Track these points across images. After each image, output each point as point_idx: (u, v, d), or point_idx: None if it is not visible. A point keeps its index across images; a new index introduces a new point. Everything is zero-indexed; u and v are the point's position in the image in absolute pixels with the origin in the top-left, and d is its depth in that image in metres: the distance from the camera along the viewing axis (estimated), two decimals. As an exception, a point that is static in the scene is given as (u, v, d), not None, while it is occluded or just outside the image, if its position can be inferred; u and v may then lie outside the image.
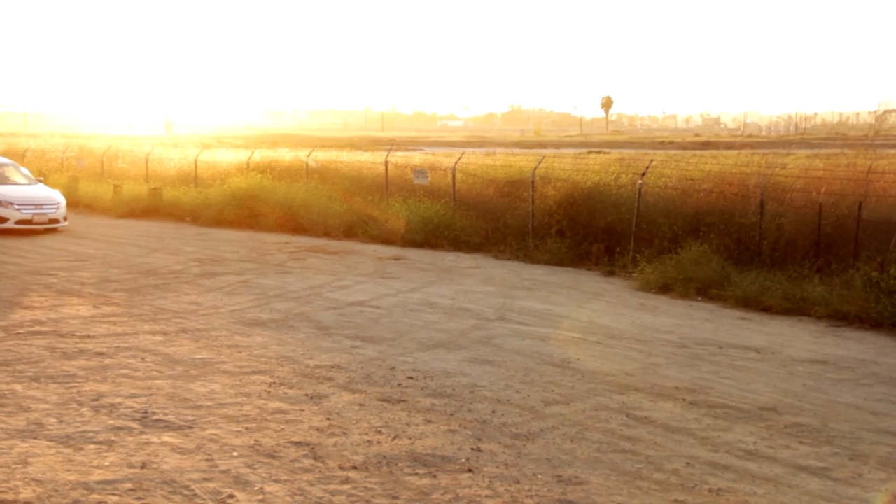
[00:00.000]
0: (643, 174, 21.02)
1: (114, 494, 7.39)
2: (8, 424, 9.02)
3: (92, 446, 8.49)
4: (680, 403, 10.40)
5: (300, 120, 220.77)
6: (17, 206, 24.35)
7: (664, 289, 17.73)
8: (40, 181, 27.22)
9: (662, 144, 79.64)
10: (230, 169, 33.68)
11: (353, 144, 67.09)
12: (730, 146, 63.96)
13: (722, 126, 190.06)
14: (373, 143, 74.66)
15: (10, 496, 7.28)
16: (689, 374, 11.69)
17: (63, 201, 25.70)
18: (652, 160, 23.87)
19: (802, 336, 14.19)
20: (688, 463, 8.51)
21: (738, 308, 16.26)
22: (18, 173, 26.83)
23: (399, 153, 36.49)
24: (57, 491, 7.41)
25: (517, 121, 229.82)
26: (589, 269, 20.39)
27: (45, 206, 24.81)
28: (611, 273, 19.82)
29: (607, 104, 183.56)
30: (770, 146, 64.51)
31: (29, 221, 24.29)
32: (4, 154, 44.25)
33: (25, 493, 7.34)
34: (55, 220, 24.90)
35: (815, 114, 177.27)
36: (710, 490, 7.88)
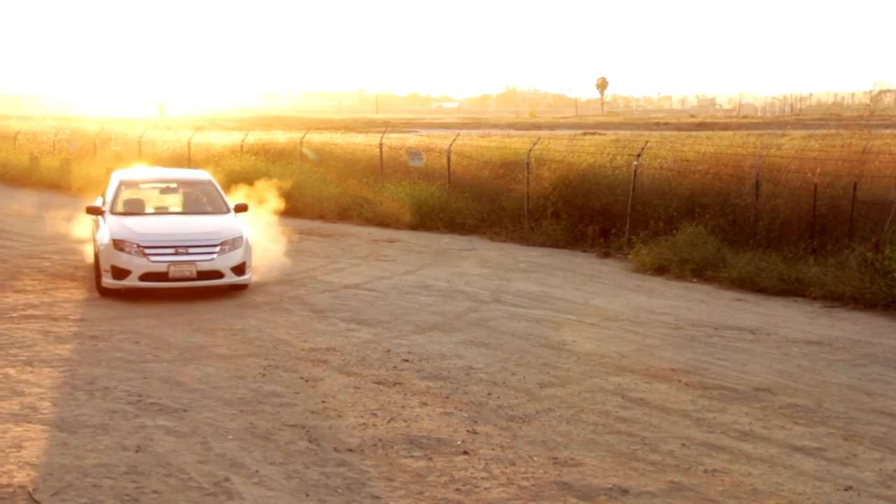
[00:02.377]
0: (638, 155, 20.97)
1: (109, 478, 7.37)
2: (1, 408, 8.99)
3: (86, 430, 8.47)
4: (675, 385, 10.40)
5: (294, 102, 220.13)
6: (148, 250, 14.26)
7: (660, 270, 17.72)
8: (237, 210, 15.97)
9: (658, 125, 79.52)
10: (224, 151, 33.56)
11: (347, 126, 66.88)
12: (725, 127, 63.85)
13: (717, 107, 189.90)
14: (367, 125, 74.45)
15: (4, 480, 7.26)
16: (684, 355, 11.69)
17: (241, 238, 14.82)
18: (647, 141, 23.81)
19: (797, 317, 14.19)
20: (683, 444, 8.51)
21: (733, 289, 16.26)
22: (207, 199, 16.40)
23: (394, 135, 36.37)
24: (52, 475, 7.39)
25: (512, 102, 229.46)
26: (584, 251, 20.37)
27: (194, 249, 14.43)
28: (606, 255, 19.81)
29: (602, 85, 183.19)
30: (765, 127, 64.45)
31: (163, 276, 14.21)
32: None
33: (20, 477, 7.32)
34: (215, 274, 14.42)
35: (811, 94, 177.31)
36: (705, 471, 7.88)
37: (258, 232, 17.43)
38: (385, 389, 9.98)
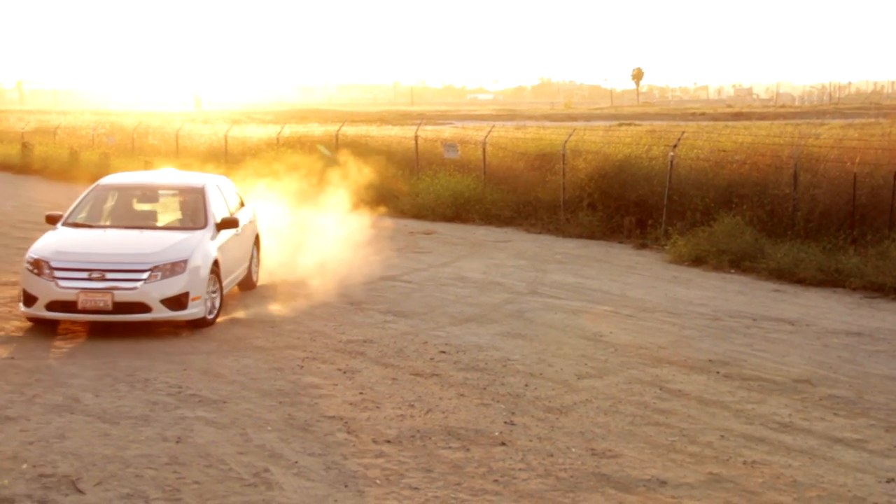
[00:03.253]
0: (675, 146, 20.84)
1: (150, 468, 7.46)
2: (45, 399, 9.12)
3: (128, 421, 8.57)
4: (713, 376, 10.34)
5: (329, 95, 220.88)
6: (58, 273, 11.52)
7: (697, 261, 17.60)
8: (223, 225, 12.99)
9: (694, 116, 78.95)
10: (260, 144, 33.76)
11: (382, 119, 67.06)
12: (762, 117, 63.26)
13: (754, 97, 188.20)
14: (402, 118, 74.57)
15: (48, 469, 7.37)
16: (722, 346, 11.62)
17: (185, 262, 11.79)
18: (683, 132, 23.64)
19: (837, 308, 14.05)
20: (722, 436, 8.46)
21: (771, 280, 16.13)
22: (190, 210, 13.36)
23: (429, 127, 36.42)
24: (94, 465, 7.49)
25: (547, 94, 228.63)
26: (621, 243, 20.28)
27: (112, 274, 11.48)
28: (643, 246, 19.71)
29: (638, 76, 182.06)
30: (803, 116, 63.80)
31: (71, 306, 11.37)
32: (34, 133, 44.64)
33: (64, 467, 7.43)
34: (138, 307, 11.48)
35: (850, 83, 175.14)
36: (744, 462, 7.84)
37: (295, 224, 17.49)
38: (422, 381, 10.01)
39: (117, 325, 11.74)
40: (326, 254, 17.07)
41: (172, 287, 11.60)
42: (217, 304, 12.37)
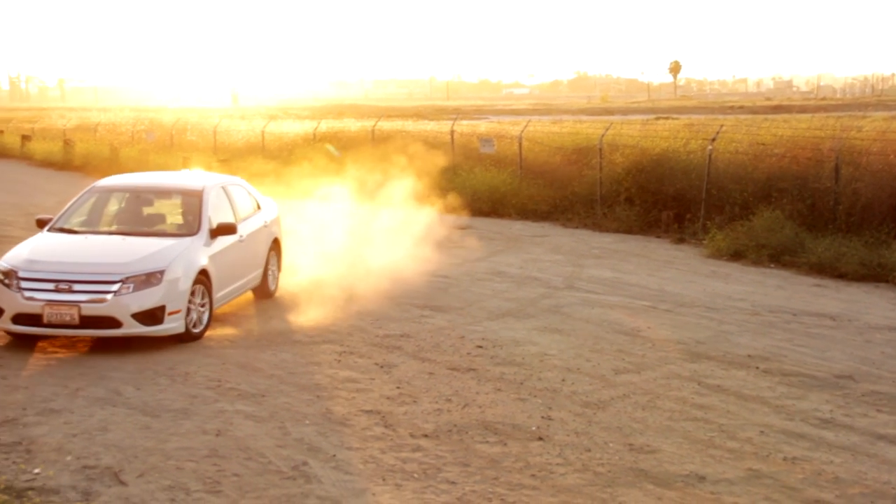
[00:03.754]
0: (713, 140, 20.67)
1: (191, 461, 7.53)
2: (88, 392, 9.23)
3: (168, 414, 8.66)
4: (753, 371, 10.26)
5: (365, 90, 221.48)
6: (24, 283, 10.77)
7: (736, 256, 17.46)
8: (218, 232, 12.06)
9: (732, 109, 78.26)
10: (297, 140, 33.92)
11: (418, 114, 67.07)
12: (803, 109, 62.62)
13: (794, 89, 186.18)
14: (438, 112, 74.56)
15: (92, 461, 7.47)
16: (762, 341, 11.52)
17: (161, 273, 10.92)
18: (722, 125, 23.45)
19: (880, 303, 13.88)
20: (762, 431, 8.40)
21: (812, 275, 15.96)
22: (185, 215, 12.50)
23: (464, 122, 36.38)
24: (136, 457, 7.58)
25: (584, 87, 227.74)
26: (658, 237, 20.16)
27: (80, 286, 10.66)
28: (681, 240, 19.58)
29: (675, 69, 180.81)
30: (845, 109, 63.02)
31: (37, 319, 10.61)
32: (76, 130, 45.16)
33: (106, 459, 7.52)
34: (107, 322, 10.63)
35: (893, 74, 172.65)
36: (784, 459, 7.77)
37: (333, 219, 17.54)
38: (459, 375, 10.02)
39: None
40: (361, 249, 17.13)
41: (146, 300, 10.69)
42: (206, 317, 11.48)
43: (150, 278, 10.80)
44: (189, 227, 12.00)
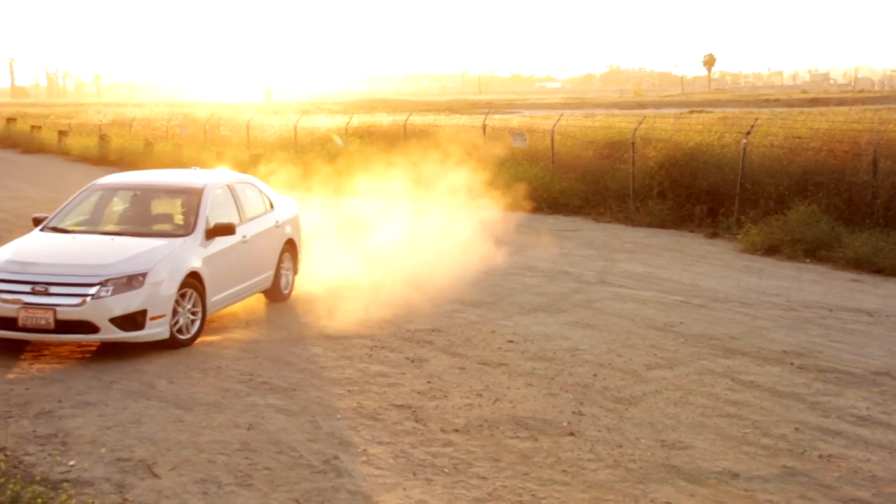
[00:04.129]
0: (748, 133, 20.48)
1: (223, 454, 7.57)
2: (122, 386, 9.31)
3: (201, 407, 8.71)
4: (788, 368, 10.15)
5: (397, 85, 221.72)
6: (1, 285, 10.35)
7: (770, 251, 17.29)
8: (214, 232, 11.52)
9: (768, 102, 77.58)
10: (328, 134, 34.01)
11: (450, 108, 67.07)
12: (840, 102, 61.94)
13: (831, 82, 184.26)
14: (470, 107, 74.52)
15: (125, 454, 7.53)
16: (797, 337, 11.40)
17: (143, 276, 10.38)
18: (757, 119, 23.22)
19: (917, 298, 13.69)
20: (797, 428, 8.31)
21: (848, 270, 15.78)
22: (182, 214, 12.01)
23: (496, 116, 36.33)
24: (169, 450, 7.63)
25: (616, 81, 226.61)
26: (691, 232, 20.02)
27: (56, 288, 10.18)
28: (714, 235, 19.43)
29: (709, 62, 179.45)
30: (883, 101, 62.27)
31: (12, 323, 10.15)
32: (111, 125, 45.56)
33: (140, 452, 7.58)
34: (84, 326, 10.14)
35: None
36: (820, 456, 7.68)
37: (367, 213, 17.54)
38: (490, 370, 10.00)
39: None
40: (391, 244, 17.14)
41: (125, 304, 10.17)
42: (197, 323, 10.95)
43: (131, 281, 10.26)
44: (184, 228, 11.48)
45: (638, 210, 21.54)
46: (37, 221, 11.98)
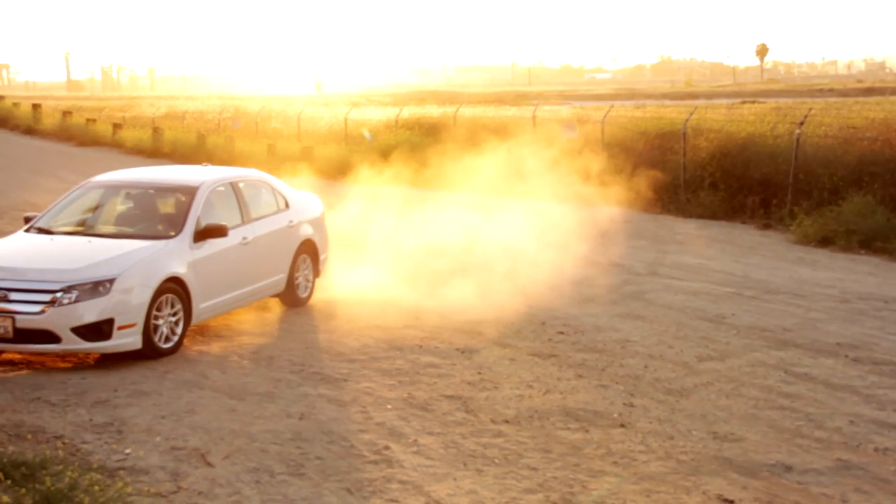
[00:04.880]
0: (801, 123, 20.20)
1: (275, 443, 7.65)
2: (176, 376, 9.44)
3: (253, 397, 8.81)
4: (842, 360, 10.02)
5: (447, 76, 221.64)
6: None
7: (824, 242, 17.06)
8: (205, 234, 10.75)
9: (822, 92, 76.41)
10: (379, 126, 34.13)
11: (499, 99, 66.92)
12: None
13: (887, 71, 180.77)
14: (519, 98, 74.30)
15: (180, 443, 7.64)
16: (851, 329, 11.24)
17: (110, 282, 9.65)
18: (811, 109, 22.89)
19: (976, 290, 13.43)
20: (851, 421, 8.20)
21: (904, 261, 15.51)
22: (172, 213, 11.18)
23: (546, 107, 36.21)
24: (222, 439, 7.73)
25: (667, 72, 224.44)
26: (743, 223, 19.80)
27: (16, 294, 9.54)
28: (767, 226, 19.21)
29: (762, 52, 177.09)
30: (939, 91, 60.99)
31: None
32: (164, 118, 46.10)
33: (194, 441, 7.68)
34: (44, 336, 9.46)
35: None
36: (875, 449, 7.58)
37: (411, 204, 17.55)
38: (540, 362, 9.99)
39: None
40: (440, 233, 17.15)
41: (89, 312, 9.44)
42: (179, 329, 10.19)
43: (96, 287, 9.52)
44: (171, 229, 10.65)
45: (689, 201, 21.36)
46: (27, 220, 11.33)
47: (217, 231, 10.75)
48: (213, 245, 10.80)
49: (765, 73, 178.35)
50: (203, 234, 10.67)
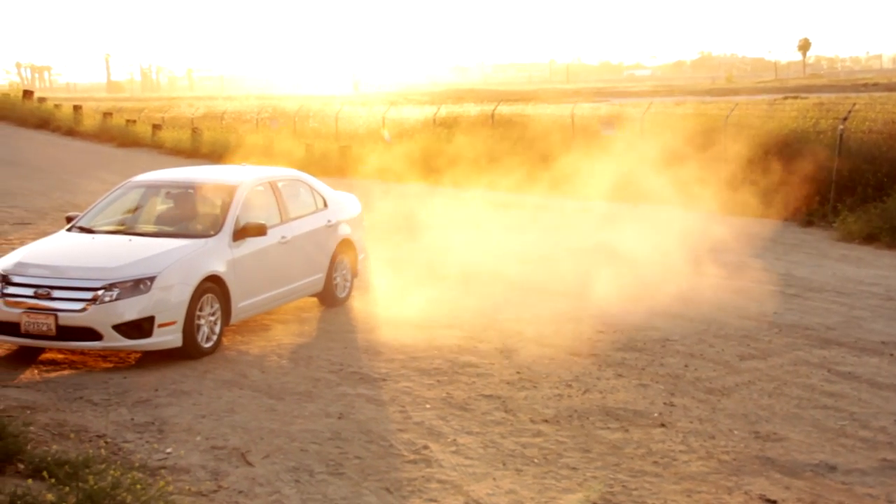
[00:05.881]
0: (845, 119, 19.93)
1: (314, 443, 7.67)
2: (216, 375, 9.50)
3: (292, 397, 8.84)
4: (887, 358, 9.87)
5: (484, 74, 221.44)
6: (7, 289, 9.88)
7: (868, 239, 16.82)
8: (243, 233, 10.77)
9: (866, 87, 75.36)
10: (416, 125, 34.17)
11: (538, 97, 66.74)
12: (941, 86, 59.77)
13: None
14: (558, 96, 74.01)
15: (220, 442, 7.68)
16: (896, 328, 11.07)
17: (151, 280, 9.74)
18: (854, 104, 22.59)
19: None
20: (897, 421, 8.07)
21: (951, 258, 15.26)
22: (211, 213, 11.26)
23: (585, 105, 36.02)
24: (262, 438, 7.76)
25: (708, 68, 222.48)
26: (786, 220, 19.58)
27: (59, 292, 9.67)
28: (809, 223, 18.98)
29: (804, 46, 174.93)
30: None
31: (15, 328, 9.71)
32: (203, 118, 46.44)
33: (234, 440, 7.72)
34: (86, 333, 9.57)
35: None
36: (921, 450, 7.45)
37: (446, 204, 17.55)
38: (579, 361, 9.93)
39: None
40: (478, 232, 17.13)
41: (130, 310, 9.55)
42: (217, 328, 10.27)
43: (137, 285, 9.63)
44: (210, 228, 10.73)
45: (730, 198, 21.13)
46: (69, 220, 11.46)
47: (256, 230, 10.78)
48: (252, 244, 10.84)
49: (807, 69, 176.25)
50: (242, 232, 10.71)
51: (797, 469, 7.13)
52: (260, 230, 10.83)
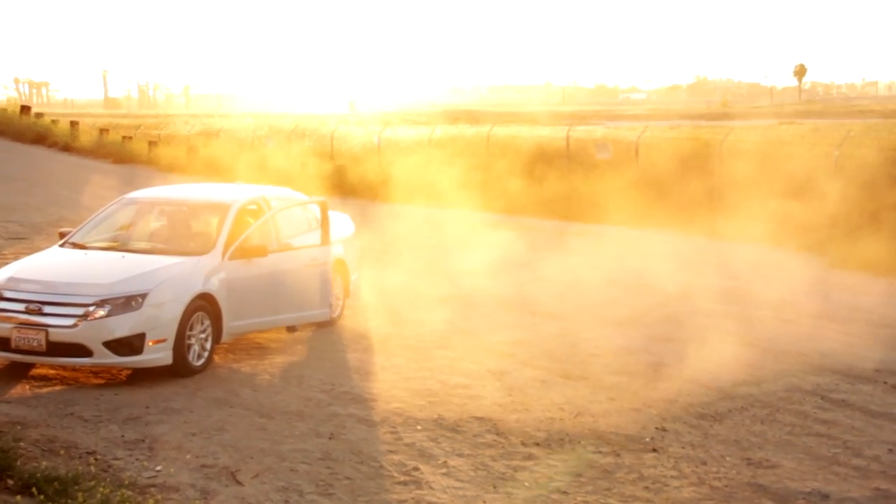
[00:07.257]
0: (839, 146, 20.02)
1: (304, 463, 7.63)
2: (207, 394, 9.45)
3: (283, 416, 8.79)
4: (881, 386, 9.86)
5: (481, 96, 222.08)
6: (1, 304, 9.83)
7: (864, 265, 16.82)
8: (239, 253, 10.64)
9: (862, 113, 75.76)
10: (411, 145, 34.27)
11: (533, 119, 66.94)
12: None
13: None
14: (554, 118, 74.26)
15: (209, 460, 7.64)
16: (891, 355, 11.08)
17: (143, 296, 9.68)
18: (850, 131, 22.69)
19: None
20: (890, 449, 8.06)
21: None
22: (206, 231, 11.16)
23: (580, 128, 36.18)
24: (252, 458, 7.72)
25: (703, 92, 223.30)
26: (781, 245, 19.59)
27: (50, 307, 9.62)
28: (804, 249, 19.00)
29: (800, 72, 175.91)
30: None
31: (6, 344, 9.60)
32: (199, 136, 46.49)
33: (224, 459, 7.68)
34: (76, 349, 9.51)
35: None
36: (914, 479, 7.43)
37: (440, 226, 17.56)
38: (572, 384, 9.91)
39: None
40: (472, 254, 17.13)
41: (121, 327, 9.48)
42: (208, 346, 10.20)
43: (129, 302, 9.57)
44: (204, 246, 10.62)
45: (724, 223, 21.18)
46: (62, 235, 11.37)
47: (257, 251, 10.70)
48: (247, 263, 10.73)
49: (803, 94, 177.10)
50: (238, 251, 10.61)
51: (789, 497, 7.11)
52: (260, 251, 10.72)
